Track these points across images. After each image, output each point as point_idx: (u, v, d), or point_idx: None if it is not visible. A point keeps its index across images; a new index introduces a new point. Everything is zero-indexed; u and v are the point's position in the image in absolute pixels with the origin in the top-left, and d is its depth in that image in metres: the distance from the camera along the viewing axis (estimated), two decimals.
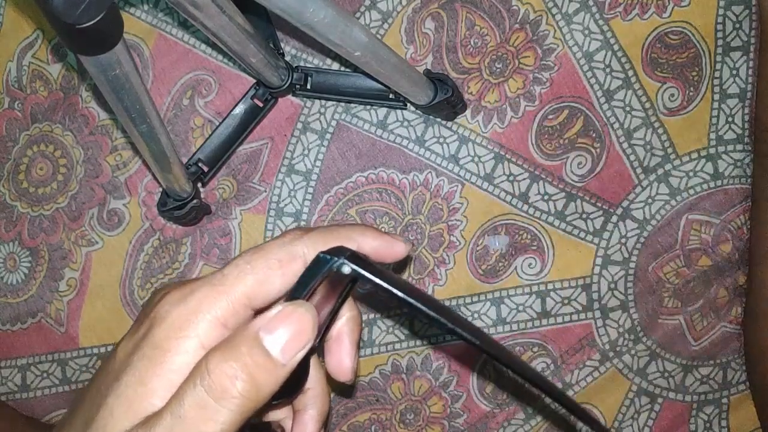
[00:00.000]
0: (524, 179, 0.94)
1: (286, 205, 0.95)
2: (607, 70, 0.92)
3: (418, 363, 0.95)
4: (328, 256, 0.36)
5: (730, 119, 0.93)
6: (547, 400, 0.96)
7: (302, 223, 0.96)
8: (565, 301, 0.95)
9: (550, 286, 0.95)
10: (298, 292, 0.36)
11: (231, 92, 0.95)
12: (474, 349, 0.94)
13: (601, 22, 0.92)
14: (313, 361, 0.43)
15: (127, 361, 0.35)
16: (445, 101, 0.87)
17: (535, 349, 0.96)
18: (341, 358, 0.43)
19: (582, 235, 0.95)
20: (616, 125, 0.93)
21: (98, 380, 0.36)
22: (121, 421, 0.33)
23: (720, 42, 0.93)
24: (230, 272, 0.36)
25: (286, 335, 0.33)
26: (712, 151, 0.94)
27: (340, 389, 0.97)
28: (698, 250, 0.95)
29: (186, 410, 0.32)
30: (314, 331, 0.33)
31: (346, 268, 0.36)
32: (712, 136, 0.94)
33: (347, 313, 0.44)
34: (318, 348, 0.42)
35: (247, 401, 0.32)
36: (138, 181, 0.97)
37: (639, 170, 0.94)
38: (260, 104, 0.92)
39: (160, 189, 0.92)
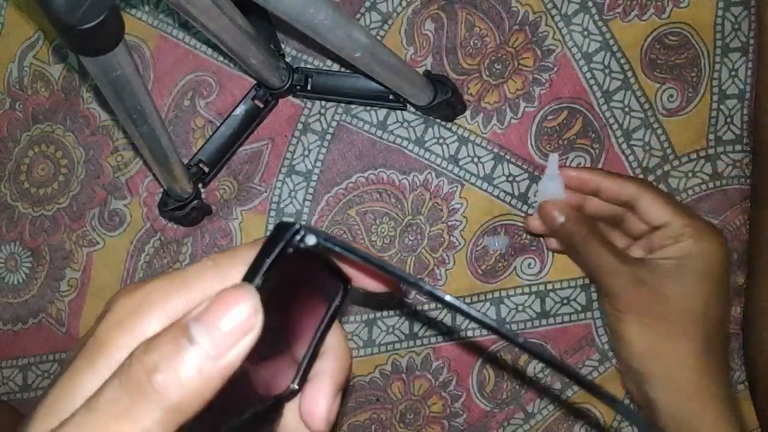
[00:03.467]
0: (524, 180, 0.94)
1: (286, 205, 0.96)
2: (606, 71, 0.93)
3: (418, 363, 0.96)
4: (290, 223, 0.30)
5: (729, 120, 0.94)
6: (546, 399, 0.96)
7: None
8: (565, 301, 0.95)
9: (549, 287, 0.95)
10: (252, 273, 0.30)
11: (232, 93, 0.96)
12: (473, 351, 0.95)
13: (600, 23, 0.92)
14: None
15: (71, 358, 0.32)
16: (445, 102, 0.88)
17: None
18: (315, 403, 0.37)
19: None
20: (615, 126, 0.93)
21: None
22: (47, 422, 0.30)
23: (719, 43, 0.93)
24: (191, 268, 0.33)
25: (219, 324, 0.27)
26: (711, 151, 0.94)
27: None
28: None
29: (101, 405, 0.28)
30: (257, 318, 0.28)
31: (311, 239, 0.30)
32: (711, 136, 0.94)
33: (334, 347, 0.38)
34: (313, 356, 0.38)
35: (169, 400, 0.27)
36: (139, 181, 0.97)
37: (638, 171, 0.94)
38: (261, 105, 0.93)
39: (161, 190, 0.92)
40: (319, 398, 0.37)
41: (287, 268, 0.31)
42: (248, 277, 0.30)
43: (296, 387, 0.37)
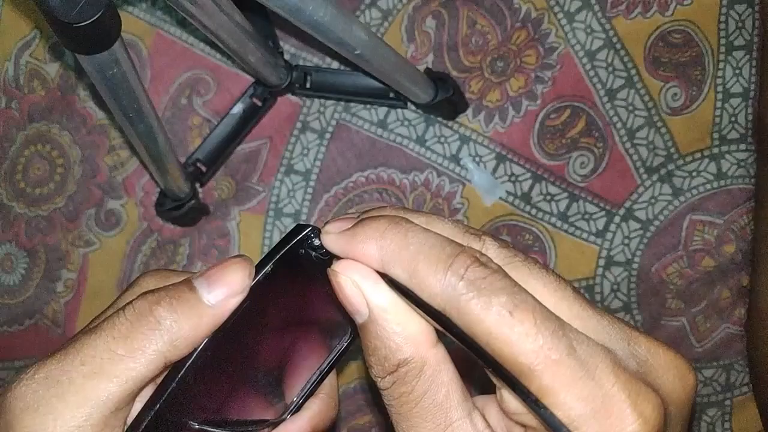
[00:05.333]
0: (526, 179, 0.93)
1: (285, 205, 0.95)
2: (610, 68, 0.92)
3: None
4: (306, 226, 0.34)
5: (733, 119, 0.93)
6: None
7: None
8: None
9: None
10: (267, 258, 0.34)
11: (230, 91, 0.95)
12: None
13: (603, 20, 0.91)
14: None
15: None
16: (446, 100, 0.87)
17: None
18: None
19: (584, 236, 0.94)
20: (619, 125, 0.92)
21: None
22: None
23: (723, 41, 0.92)
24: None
25: (216, 279, 0.32)
26: (715, 150, 0.93)
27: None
28: (701, 251, 0.94)
29: (102, 327, 0.31)
30: (246, 282, 0.32)
31: (317, 240, 0.33)
32: (716, 135, 0.93)
33: (325, 391, 0.39)
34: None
35: (167, 330, 0.31)
36: (136, 181, 0.96)
37: (642, 170, 0.93)
38: (259, 103, 0.92)
39: (158, 189, 0.91)
40: None
41: (303, 263, 0.34)
42: (260, 264, 0.33)
43: (286, 418, 0.38)
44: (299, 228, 0.34)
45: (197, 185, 0.93)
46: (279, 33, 0.93)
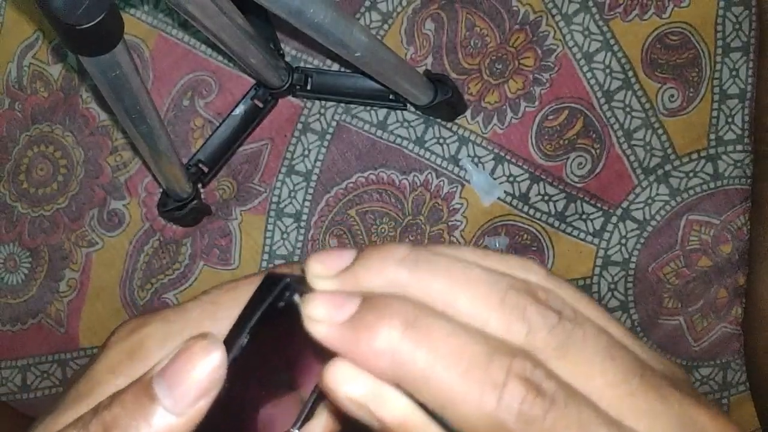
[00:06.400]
0: (524, 180, 0.94)
1: (286, 205, 0.95)
2: (607, 70, 0.93)
3: None
4: (280, 276, 0.27)
5: (729, 120, 0.93)
6: None
7: (302, 224, 0.96)
8: None
9: None
10: (241, 324, 0.28)
11: (231, 93, 0.95)
12: None
13: (600, 23, 0.92)
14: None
15: (63, 392, 0.31)
16: (445, 102, 0.87)
17: None
18: None
19: (582, 235, 0.95)
20: (616, 126, 0.93)
21: None
22: None
23: (720, 42, 0.93)
24: (190, 310, 0.30)
25: (178, 380, 0.26)
26: (712, 151, 0.94)
27: None
28: (698, 251, 0.95)
29: None
30: (219, 373, 0.26)
31: (296, 298, 0.27)
32: (712, 136, 0.94)
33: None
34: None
35: None
36: (138, 181, 0.97)
37: (639, 171, 0.94)
38: (260, 105, 0.93)
39: (161, 190, 0.92)
40: None
41: (285, 320, 0.28)
42: (233, 335, 0.27)
43: (296, 431, 0.33)
44: (271, 281, 0.28)
45: (199, 186, 0.94)
46: (280, 35, 0.93)
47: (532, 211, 0.94)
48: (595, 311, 0.25)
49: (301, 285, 0.26)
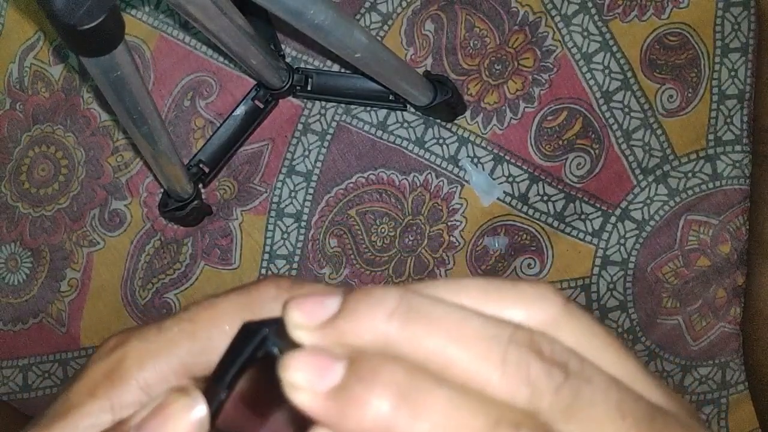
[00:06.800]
0: (524, 180, 0.94)
1: (286, 205, 0.96)
2: (606, 71, 0.93)
3: None
4: (258, 326, 0.25)
5: (728, 120, 0.94)
6: None
7: (302, 224, 0.96)
8: None
9: None
10: (219, 377, 0.26)
11: (232, 94, 0.96)
12: None
13: (600, 23, 0.92)
14: None
15: (45, 411, 0.30)
16: (445, 102, 0.88)
17: None
18: None
19: (581, 235, 0.95)
20: (615, 126, 0.93)
21: None
22: None
23: (719, 43, 0.93)
24: (168, 328, 0.29)
25: None
26: (710, 152, 0.94)
27: None
28: (697, 251, 0.95)
29: None
30: (198, 425, 0.25)
31: (275, 350, 0.25)
32: (711, 137, 0.94)
33: None
34: None
35: None
36: (139, 182, 0.97)
37: (638, 171, 0.94)
38: (261, 105, 0.93)
39: (162, 190, 0.92)
40: None
41: (265, 370, 0.26)
42: (209, 389, 0.26)
43: None
44: (248, 332, 0.26)
45: (200, 186, 0.94)
46: (280, 36, 0.94)
47: (531, 211, 0.94)
48: (606, 350, 0.23)
49: (280, 336, 0.24)
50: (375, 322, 0.21)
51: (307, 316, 0.22)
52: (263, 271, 0.97)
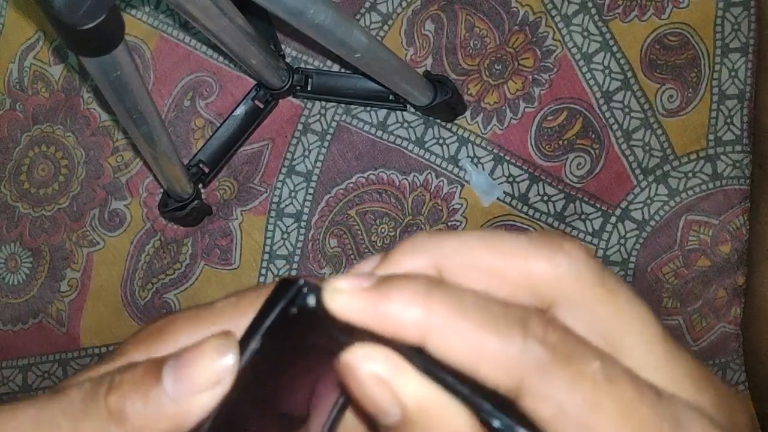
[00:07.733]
0: (524, 180, 0.94)
1: (286, 205, 0.96)
2: (606, 71, 0.93)
3: None
4: (291, 280, 0.27)
5: (728, 120, 0.94)
6: None
7: (302, 224, 0.96)
8: None
9: None
10: (255, 326, 0.27)
11: (232, 94, 0.96)
12: None
13: (600, 23, 0.92)
14: None
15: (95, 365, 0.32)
16: (445, 102, 0.88)
17: None
18: None
19: (581, 235, 0.95)
20: (615, 126, 0.93)
21: None
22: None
23: (719, 43, 0.93)
24: (219, 302, 0.31)
25: (187, 367, 0.26)
26: (711, 152, 0.94)
27: None
28: (697, 251, 0.95)
29: (56, 400, 0.27)
30: (227, 372, 0.26)
31: (311, 299, 0.26)
32: (711, 137, 0.94)
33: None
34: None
35: (113, 423, 0.26)
36: (139, 182, 0.97)
37: (638, 171, 0.94)
38: (261, 106, 0.93)
39: (161, 190, 0.92)
40: None
41: (299, 327, 0.28)
42: (244, 339, 0.27)
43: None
44: (284, 285, 0.27)
45: (200, 186, 0.94)
46: (280, 36, 0.94)
47: (531, 212, 0.94)
48: (630, 310, 0.24)
49: (317, 289, 0.26)
50: (415, 284, 0.23)
51: (347, 284, 0.24)
52: (263, 271, 0.97)
